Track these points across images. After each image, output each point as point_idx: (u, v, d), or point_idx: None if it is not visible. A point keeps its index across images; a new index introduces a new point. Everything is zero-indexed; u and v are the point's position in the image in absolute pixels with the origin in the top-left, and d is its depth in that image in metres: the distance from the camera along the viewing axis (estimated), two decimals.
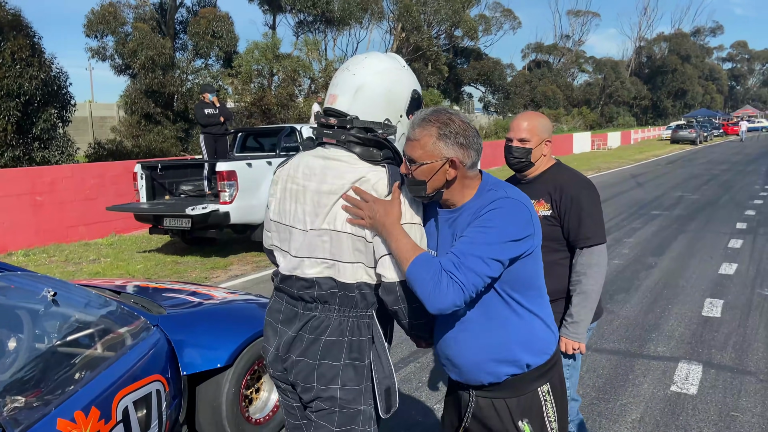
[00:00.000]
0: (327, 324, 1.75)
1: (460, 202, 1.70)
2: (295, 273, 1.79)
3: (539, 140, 2.41)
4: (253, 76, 21.21)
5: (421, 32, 30.11)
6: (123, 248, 9.15)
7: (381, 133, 1.72)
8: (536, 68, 51.55)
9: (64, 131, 14.21)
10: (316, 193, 1.74)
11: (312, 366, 1.75)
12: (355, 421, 1.77)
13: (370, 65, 1.74)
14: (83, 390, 2.12)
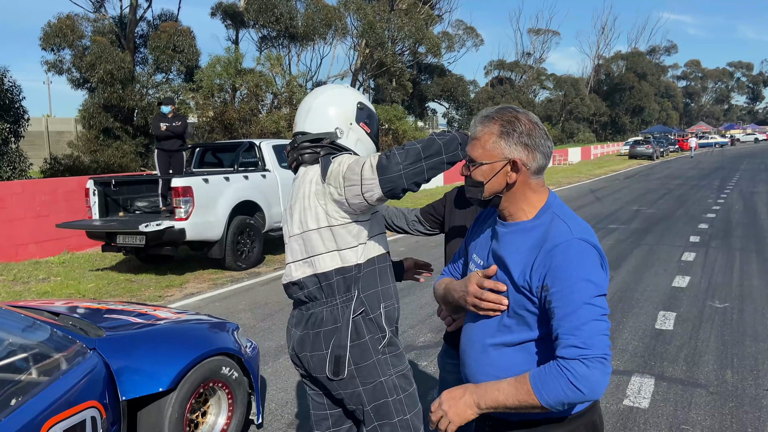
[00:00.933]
0: (321, 317, 1.98)
1: (517, 216, 1.54)
2: (289, 280, 2.08)
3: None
4: (215, 90, 20.97)
5: (385, 48, 30.29)
6: (75, 266, 8.85)
7: (326, 140, 2.00)
8: (499, 85, 52.41)
9: (17, 146, 13.77)
10: (290, 209, 2.07)
11: (323, 357, 1.96)
12: (383, 393, 1.96)
13: (317, 91, 2.10)
14: (6, 420, 1.99)
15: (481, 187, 1.51)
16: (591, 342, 1.35)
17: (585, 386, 1.33)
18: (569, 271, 1.40)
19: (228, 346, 3.31)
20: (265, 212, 8.72)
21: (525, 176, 1.50)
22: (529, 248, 1.47)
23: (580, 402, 1.38)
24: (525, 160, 1.48)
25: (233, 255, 8.11)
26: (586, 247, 1.43)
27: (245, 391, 3.40)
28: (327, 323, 1.97)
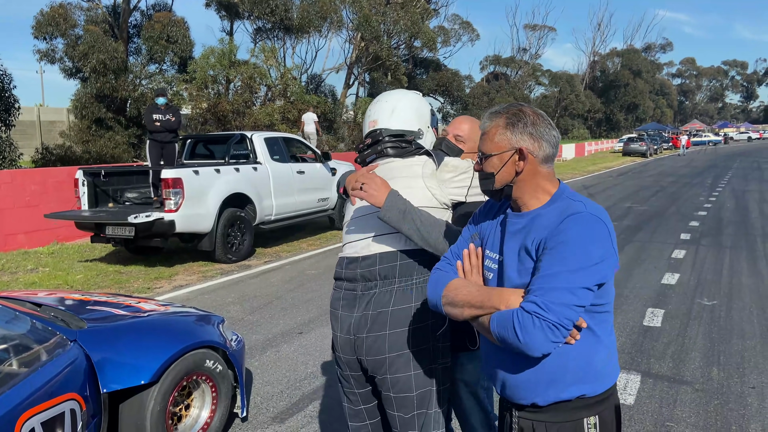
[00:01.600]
0: (389, 297, 2.02)
1: (531, 204, 1.58)
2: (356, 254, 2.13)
3: (474, 147, 2.31)
4: (208, 82, 20.86)
5: (381, 42, 30.18)
6: (64, 257, 8.79)
7: (409, 136, 2.16)
8: (494, 80, 52.40)
9: (7, 135, 13.66)
10: None
11: (383, 337, 1.99)
12: (430, 381, 2.01)
13: (398, 93, 2.27)
14: None
15: (492, 177, 1.58)
16: (551, 307, 1.40)
17: (524, 339, 1.40)
18: (570, 235, 1.45)
19: (213, 339, 3.29)
20: (256, 205, 8.68)
21: (533, 164, 1.56)
22: (544, 227, 1.51)
23: (515, 346, 1.43)
24: (531, 149, 1.55)
25: (223, 247, 8.08)
26: (596, 220, 1.47)
27: (230, 385, 3.38)
28: (397, 303, 2.00)
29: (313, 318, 5.62)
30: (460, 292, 1.60)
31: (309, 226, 11.05)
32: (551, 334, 1.40)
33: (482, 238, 1.69)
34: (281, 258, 8.64)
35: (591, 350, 1.55)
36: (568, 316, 1.41)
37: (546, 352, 1.43)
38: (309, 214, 9.98)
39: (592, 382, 1.57)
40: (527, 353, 1.43)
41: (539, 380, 1.55)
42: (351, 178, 2.04)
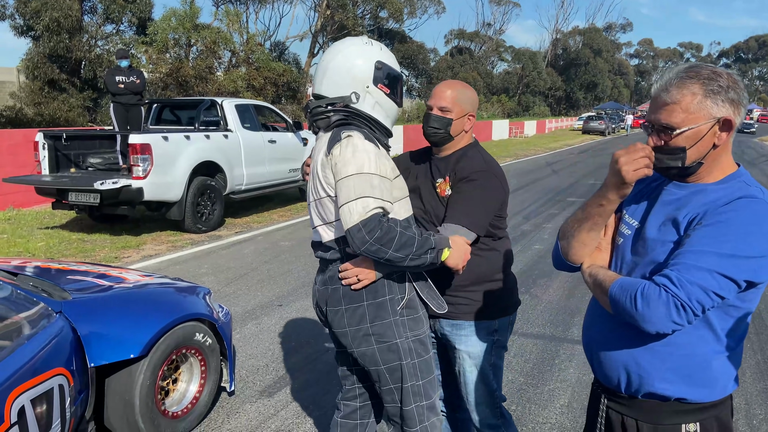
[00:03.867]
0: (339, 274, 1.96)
1: (701, 177, 1.40)
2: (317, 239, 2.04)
3: (462, 112, 2.13)
4: (169, 45, 20.10)
5: (347, 11, 29.64)
6: (22, 224, 8.39)
7: (338, 104, 1.91)
8: (458, 54, 52.25)
9: None
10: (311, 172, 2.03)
11: (341, 312, 1.96)
12: (397, 355, 1.94)
13: (334, 48, 1.96)
14: None
15: (683, 153, 1.35)
16: (684, 285, 1.24)
17: (643, 309, 1.27)
18: (734, 217, 1.28)
19: (201, 312, 3.16)
20: (227, 174, 8.44)
21: (729, 137, 1.36)
22: (704, 203, 1.35)
23: (630, 316, 1.30)
24: (734, 118, 1.33)
25: (193, 217, 7.84)
26: (763, 205, 1.29)
27: (218, 358, 3.28)
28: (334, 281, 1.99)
29: (292, 290, 5.51)
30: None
31: (278, 197, 10.84)
32: (675, 313, 1.24)
33: (625, 201, 1.54)
34: (252, 229, 8.45)
35: (709, 350, 1.37)
36: (701, 300, 1.25)
37: (662, 330, 1.27)
38: (280, 185, 9.77)
39: (702, 387, 1.39)
40: (640, 326, 1.28)
41: (639, 364, 1.40)
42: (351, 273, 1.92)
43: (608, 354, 1.48)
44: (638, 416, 1.44)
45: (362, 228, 1.76)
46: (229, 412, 3.33)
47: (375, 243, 1.76)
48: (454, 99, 2.13)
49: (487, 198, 2.09)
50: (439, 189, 2.15)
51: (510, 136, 33.79)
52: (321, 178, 1.90)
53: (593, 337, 1.55)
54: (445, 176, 2.15)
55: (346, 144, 1.83)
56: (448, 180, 2.13)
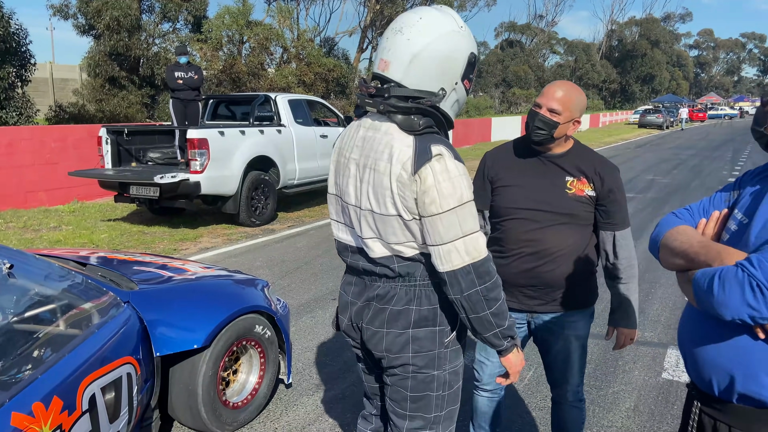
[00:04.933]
0: (393, 294, 1.74)
1: None
2: (360, 248, 1.78)
3: (570, 117, 2.12)
4: (223, 42, 20.48)
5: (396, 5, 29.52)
6: (86, 216, 8.71)
7: (426, 101, 1.61)
8: (509, 47, 51.46)
9: (23, 91, 13.46)
10: (361, 168, 1.70)
11: (379, 334, 1.77)
12: (430, 387, 1.78)
13: (426, 30, 1.59)
14: (44, 377, 1.86)
15: None
16: (764, 264, 1.15)
17: (719, 293, 1.19)
18: None
19: (261, 304, 3.18)
20: (280, 168, 8.53)
21: None
22: None
23: (707, 302, 1.22)
24: None
25: (247, 211, 7.96)
26: None
27: (276, 351, 3.29)
28: (399, 302, 1.73)
29: None
30: (679, 239, 1.39)
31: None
32: (750, 295, 1.15)
33: (739, 196, 1.47)
34: (305, 223, 8.52)
35: None
36: None
37: (738, 316, 1.18)
38: None
39: None
40: (717, 313, 1.21)
41: (733, 363, 1.30)
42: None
43: (700, 352, 1.38)
44: (732, 422, 1.33)
45: (472, 271, 1.58)
46: (287, 405, 3.35)
47: (481, 293, 1.59)
48: (566, 102, 2.12)
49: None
50: (574, 188, 2.19)
51: None
52: (395, 194, 1.60)
53: (686, 333, 1.46)
54: (580, 177, 2.19)
55: (439, 169, 1.56)
56: (585, 181, 2.19)
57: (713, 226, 1.46)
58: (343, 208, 1.79)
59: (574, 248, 2.21)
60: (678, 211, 1.56)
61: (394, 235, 1.66)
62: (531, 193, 2.20)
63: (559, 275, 2.22)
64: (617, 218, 2.21)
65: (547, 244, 2.19)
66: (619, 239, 2.23)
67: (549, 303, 2.27)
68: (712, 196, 1.56)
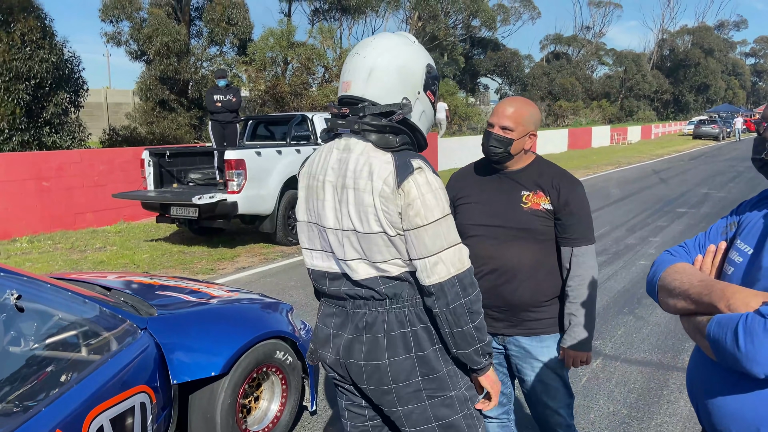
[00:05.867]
0: (382, 319, 1.66)
1: None
2: (343, 273, 1.70)
3: (524, 131, 2.12)
4: (267, 63, 20.92)
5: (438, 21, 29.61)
6: (130, 236, 8.93)
7: (398, 114, 1.63)
8: (555, 60, 50.75)
9: (77, 116, 14.02)
10: (339, 189, 1.65)
11: (382, 366, 1.65)
12: (453, 409, 1.69)
13: (379, 45, 1.66)
14: (47, 410, 1.83)
15: None
16: None
17: (746, 346, 1.06)
18: None
19: (282, 329, 3.12)
20: None
21: None
22: None
23: (732, 357, 1.09)
24: None
25: (284, 230, 7.99)
26: None
27: (299, 376, 3.22)
28: (392, 327, 1.65)
29: None
30: (678, 278, 1.27)
31: None
32: None
33: (740, 226, 1.35)
34: None
35: None
36: None
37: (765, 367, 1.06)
38: None
39: None
40: (746, 368, 1.08)
41: (759, 414, 1.16)
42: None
43: (717, 403, 1.24)
44: None
45: (457, 283, 1.56)
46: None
47: (466, 305, 1.57)
48: (517, 118, 2.12)
49: (590, 210, 2.22)
50: (529, 201, 2.15)
51: (611, 143, 32.25)
52: (378, 210, 1.57)
53: (698, 381, 1.32)
54: (536, 190, 2.15)
55: (422, 181, 1.56)
56: (541, 194, 2.14)
57: (710, 261, 1.34)
58: (319, 234, 1.73)
59: (536, 265, 2.14)
60: (673, 248, 1.45)
61: (380, 253, 1.62)
62: (487, 208, 2.20)
63: (523, 294, 2.15)
64: (575, 232, 2.14)
65: (506, 261, 2.14)
66: (577, 255, 2.15)
67: (517, 326, 2.20)
68: (708, 230, 1.45)
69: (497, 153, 2.13)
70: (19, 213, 8.78)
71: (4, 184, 8.61)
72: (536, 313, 2.18)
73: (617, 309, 5.19)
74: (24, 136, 12.14)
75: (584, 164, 19.99)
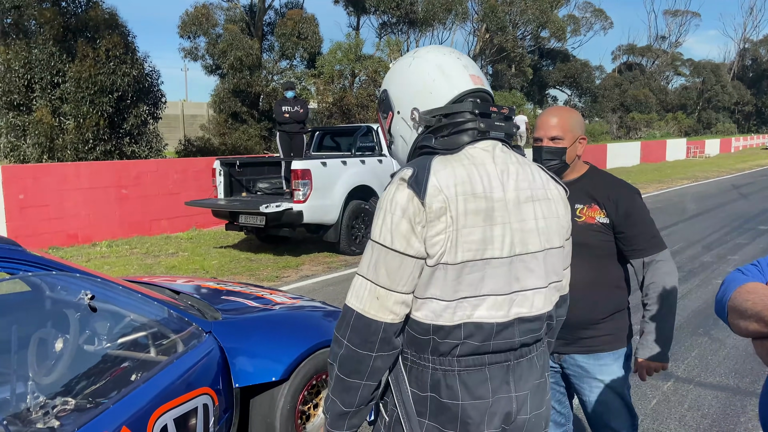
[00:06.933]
0: (543, 360, 1.45)
1: None
2: (520, 315, 1.35)
3: (573, 137, 2.08)
4: (335, 76, 21.32)
5: (506, 33, 29.32)
6: (201, 243, 9.26)
7: None
8: (627, 71, 49.18)
9: (154, 127, 14.75)
10: (536, 201, 1.36)
11: (544, 414, 1.44)
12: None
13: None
14: (115, 407, 1.91)
15: None
16: None
17: None
18: None
19: None
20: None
21: None
22: None
23: None
24: None
25: (348, 239, 8.08)
26: None
27: None
28: (547, 366, 1.47)
29: None
30: (751, 298, 1.18)
31: None
32: None
33: None
34: None
35: None
36: None
37: None
38: None
39: None
40: None
41: None
42: None
43: None
44: None
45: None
46: None
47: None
48: (564, 125, 2.08)
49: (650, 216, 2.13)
50: (584, 215, 2.10)
51: (687, 157, 30.83)
52: (563, 219, 1.42)
53: None
54: (590, 203, 2.10)
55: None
56: (596, 207, 2.08)
57: None
58: (512, 271, 1.33)
59: (591, 282, 2.05)
60: (744, 267, 1.34)
61: (559, 269, 1.44)
62: None
63: (578, 313, 2.03)
64: (642, 242, 2.06)
65: None
66: (649, 264, 2.06)
67: (572, 343, 2.12)
68: None
69: (553, 165, 2.07)
70: (100, 219, 9.29)
71: (88, 191, 9.14)
72: (592, 330, 2.12)
73: (691, 329, 4.93)
74: (107, 146, 12.88)
75: (657, 178, 19.20)
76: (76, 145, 12.40)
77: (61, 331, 2.13)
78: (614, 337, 2.13)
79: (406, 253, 1.26)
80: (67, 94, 12.52)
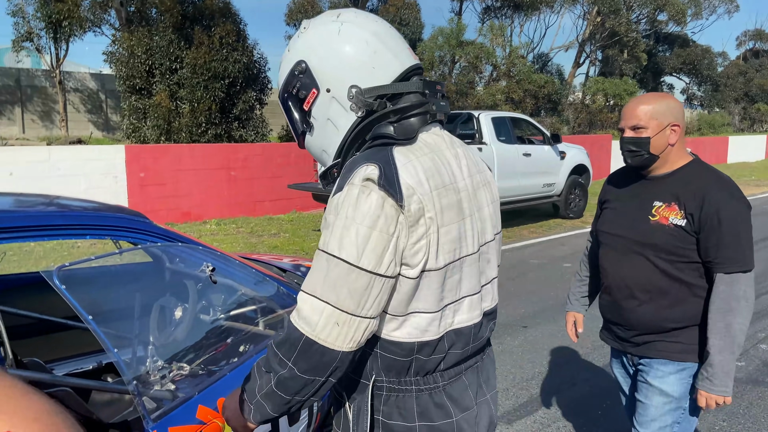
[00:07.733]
0: (493, 354, 1.40)
1: None
2: (485, 310, 1.26)
3: (660, 125, 1.87)
4: (435, 63, 21.19)
5: (619, 16, 27.77)
6: (301, 225, 9.55)
7: None
8: (753, 58, 45.15)
9: (261, 113, 15.36)
10: (483, 187, 1.25)
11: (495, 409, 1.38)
12: None
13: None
14: (231, 374, 2.00)
15: None
16: None
17: None
18: None
19: None
20: None
21: None
22: None
23: None
24: None
25: None
26: None
27: None
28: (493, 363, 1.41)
29: (537, 312, 5.22)
30: None
31: (530, 212, 10.54)
32: None
33: None
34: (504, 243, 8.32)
35: None
36: None
37: None
38: (532, 199, 9.49)
39: None
40: None
41: None
42: None
43: None
44: None
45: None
46: None
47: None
48: (647, 113, 1.89)
49: (750, 223, 1.83)
50: (658, 214, 1.91)
51: None
52: (498, 202, 1.34)
53: None
54: (671, 202, 1.89)
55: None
56: (675, 207, 1.87)
57: None
58: (479, 266, 1.23)
59: (656, 287, 1.88)
60: None
61: (497, 257, 1.33)
62: (617, 217, 2.02)
63: (642, 316, 1.95)
64: (720, 255, 1.79)
65: (618, 276, 1.96)
66: (719, 283, 1.80)
67: (640, 345, 2.00)
68: None
69: (637, 157, 1.91)
70: (211, 198, 9.82)
71: (201, 171, 9.68)
72: (661, 335, 1.95)
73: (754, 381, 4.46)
74: (217, 130, 13.56)
75: None
76: (190, 128, 13.16)
77: (181, 300, 2.25)
78: (690, 347, 1.93)
79: (376, 272, 1.05)
80: (183, 79, 13.29)
